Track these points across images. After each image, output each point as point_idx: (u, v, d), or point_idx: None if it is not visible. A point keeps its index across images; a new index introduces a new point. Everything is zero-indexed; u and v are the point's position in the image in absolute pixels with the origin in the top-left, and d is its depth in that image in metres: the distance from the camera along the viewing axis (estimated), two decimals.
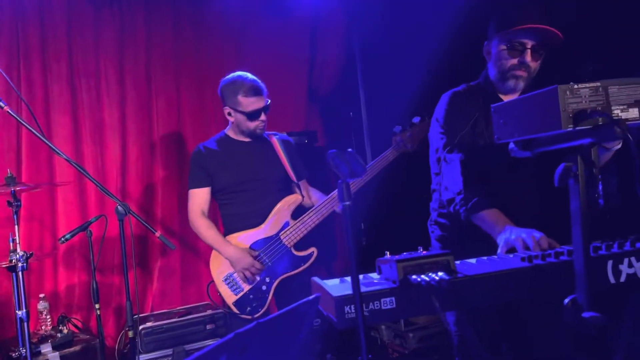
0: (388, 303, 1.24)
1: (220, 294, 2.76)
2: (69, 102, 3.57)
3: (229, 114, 2.77)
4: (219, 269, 2.77)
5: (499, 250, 1.65)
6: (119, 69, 3.70)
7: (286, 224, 2.78)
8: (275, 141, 2.91)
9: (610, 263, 1.36)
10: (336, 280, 1.44)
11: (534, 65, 1.97)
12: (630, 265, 1.37)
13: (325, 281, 1.43)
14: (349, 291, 1.25)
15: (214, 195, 2.83)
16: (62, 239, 2.76)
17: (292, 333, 1.01)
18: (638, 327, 1.45)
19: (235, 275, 2.74)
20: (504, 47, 1.96)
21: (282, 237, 2.76)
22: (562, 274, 1.34)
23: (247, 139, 2.85)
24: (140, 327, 3.18)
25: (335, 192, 2.79)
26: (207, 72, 3.94)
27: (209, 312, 3.40)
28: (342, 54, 4.39)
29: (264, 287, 2.74)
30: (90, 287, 2.88)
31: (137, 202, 3.73)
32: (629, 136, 1.13)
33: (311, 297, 1.08)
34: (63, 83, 3.55)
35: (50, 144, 2.41)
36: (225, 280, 2.75)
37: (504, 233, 1.68)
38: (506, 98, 2.04)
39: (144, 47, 3.76)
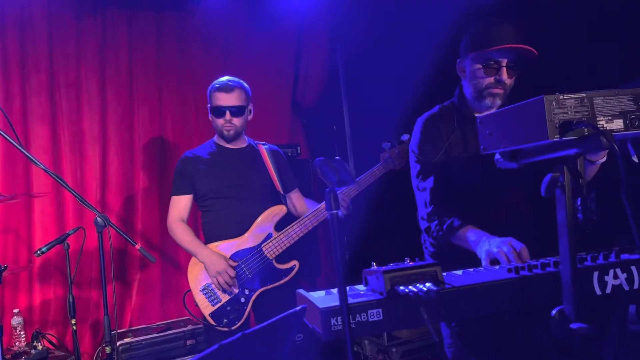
0: (375, 315, 1.22)
1: (197, 304, 2.70)
2: (48, 112, 3.50)
3: (210, 114, 2.80)
4: (197, 279, 2.71)
5: (483, 263, 1.64)
6: (100, 80, 3.65)
7: (269, 236, 2.74)
8: (264, 150, 2.89)
9: (596, 274, 1.36)
10: (322, 292, 1.41)
11: (509, 82, 1.98)
12: (615, 276, 1.37)
13: (311, 293, 1.40)
14: (336, 303, 1.23)
15: (196, 201, 2.81)
16: (38, 251, 2.68)
17: (278, 345, 0.98)
18: (623, 338, 1.45)
19: (213, 285, 2.69)
20: (480, 66, 1.96)
21: (263, 249, 2.72)
22: (549, 285, 1.33)
23: (234, 146, 2.83)
24: (118, 343, 3.10)
25: (321, 205, 2.77)
26: (190, 84, 3.92)
27: (190, 327, 3.33)
28: (327, 68, 4.41)
29: (242, 299, 2.69)
30: (66, 301, 2.80)
31: (117, 214, 3.66)
32: (615, 146, 1.14)
33: (297, 308, 1.06)
34: (43, 93, 3.49)
35: (27, 154, 2.35)
36: (203, 290, 2.70)
37: (482, 244, 1.68)
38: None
39: (126, 58, 3.72)
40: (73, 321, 2.74)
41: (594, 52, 2.71)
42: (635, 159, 1.35)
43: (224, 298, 2.68)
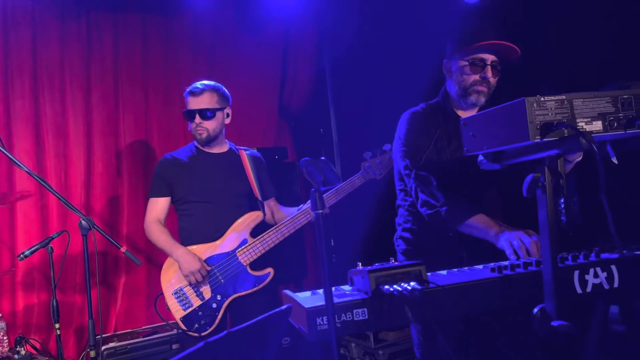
0: (360, 314, 1.23)
1: (168, 308, 2.69)
2: (31, 116, 3.46)
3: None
4: (170, 282, 2.70)
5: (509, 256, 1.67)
6: (85, 83, 3.62)
7: (244, 242, 2.72)
8: (245, 156, 2.89)
9: (576, 273, 1.38)
10: (307, 293, 1.42)
11: (493, 80, 2.05)
12: (595, 275, 1.39)
13: (297, 293, 1.41)
14: (321, 302, 1.24)
15: (173, 204, 2.80)
16: (22, 255, 2.65)
17: (264, 344, 0.98)
18: (604, 336, 1.48)
19: (185, 289, 2.67)
20: (466, 63, 2.03)
21: (238, 255, 2.70)
22: (531, 284, 1.35)
23: (214, 151, 2.83)
24: (103, 348, 3.06)
25: (298, 213, 2.76)
26: (177, 87, 3.90)
27: (176, 331, 3.30)
28: (314, 72, 4.43)
29: (214, 305, 2.67)
30: (50, 306, 2.76)
31: (102, 217, 3.63)
32: (594, 147, 1.16)
33: (283, 307, 1.06)
34: (26, 96, 3.45)
35: (10, 155, 2.32)
36: (175, 294, 2.68)
37: (500, 236, 1.73)
38: (465, 114, 2.10)
39: (111, 61, 3.69)
40: (57, 325, 2.71)
41: (574, 53, 2.77)
42: (614, 160, 1.38)
43: (196, 303, 2.66)
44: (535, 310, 1.23)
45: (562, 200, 1.27)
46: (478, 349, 1.57)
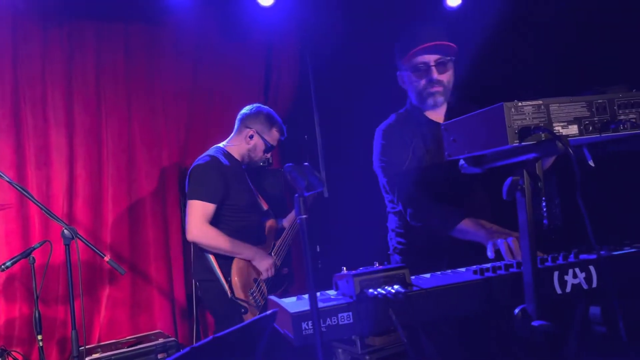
0: (345, 318, 1.24)
1: (244, 312, 2.74)
2: (12, 125, 3.42)
3: (251, 136, 2.88)
4: (246, 283, 2.79)
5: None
6: (67, 91, 3.59)
7: (274, 245, 2.96)
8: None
9: (556, 274, 1.41)
10: (293, 298, 1.43)
11: (444, 77, 2.08)
12: (574, 275, 1.43)
13: (282, 299, 1.42)
14: (306, 307, 1.25)
15: (222, 208, 2.78)
16: (3, 266, 2.62)
17: (249, 348, 0.99)
18: (584, 335, 1.51)
19: (254, 289, 2.79)
20: (411, 71, 2.09)
21: (273, 256, 2.93)
22: (512, 286, 1.38)
23: (239, 159, 2.96)
24: (87, 359, 3.02)
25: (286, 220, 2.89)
26: (160, 95, 3.89)
27: (161, 340, 3.27)
28: (297, 79, 4.45)
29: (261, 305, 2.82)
30: (32, 317, 2.73)
31: (85, 227, 3.59)
32: (570, 150, 1.19)
33: (268, 312, 1.07)
34: (7, 105, 3.41)
35: None
36: (252, 294, 2.80)
37: (489, 238, 1.77)
38: (434, 115, 2.16)
39: (93, 69, 3.67)
40: (39, 337, 2.68)
41: (554, 59, 2.83)
42: (591, 163, 1.42)
43: (262, 302, 2.80)
44: (516, 310, 1.26)
45: (544, 204, 1.30)
46: (462, 351, 1.59)
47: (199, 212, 2.68)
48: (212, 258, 2.80)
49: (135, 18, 3.79)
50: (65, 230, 2.33)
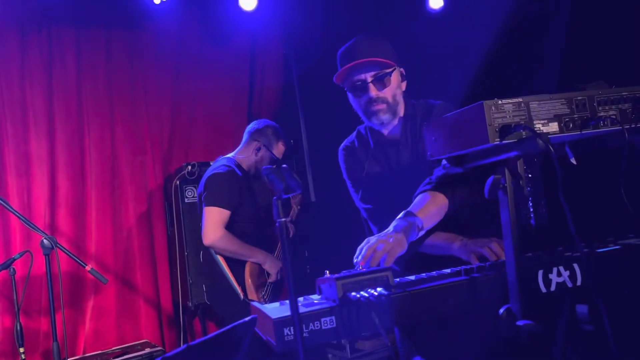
0: (328, 322, 1.22)
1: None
2: None
3: (258, 149, 3.01)
4: (258, 286, 2.90)
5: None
6: (47, 98, 3.55)
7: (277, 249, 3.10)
8: None
9: (540, 273, 1.40)
10: (276, 304, 1.40)
11: (386, 93, 1.92)
12: (559, 274, 1.41)
13: (265, 305, 1.39)
14: (288, 313, 1.22)
15: (234, 215, 2.87)
16: None
17: (228, 357, 0.96)
18: (570, 335, 1.50)
19: (263, 292, 2.89)
20: (350, 90, 1.97)
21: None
22: (497, 286, 1.36)
23: (248, 170, 3.06)
24: None
25: None
26: (143, 100, 3.86)
27: (147, 350, 3.23)
28: (282, 82, 4.43)
29: None
30: (12, 330, 2.67)
31: (68, 237, 3.53)
32: (550, 147, 1.18)
33: (247, 319, 1.04)
34: None
35: None
36: (263, 296, 2.89)
37: (462, 248, 1.71)
38: (385, 132, 2.02)
39: (74, 75, 3.63)
40: (22, 350, 2.63)
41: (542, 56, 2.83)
42: (573, 161, 1.41)
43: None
44: (501, 310, 1.24)
45: (531, 204, 1.29)
46: (447, 352, 1.57)
47: (216, 218, 2.80)
48: (222, 262, 2.90)
49: (116, 23, 3.76)
50: (44, 240, 2.29)
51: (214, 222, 2.80)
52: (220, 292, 2.96)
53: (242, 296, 2.85)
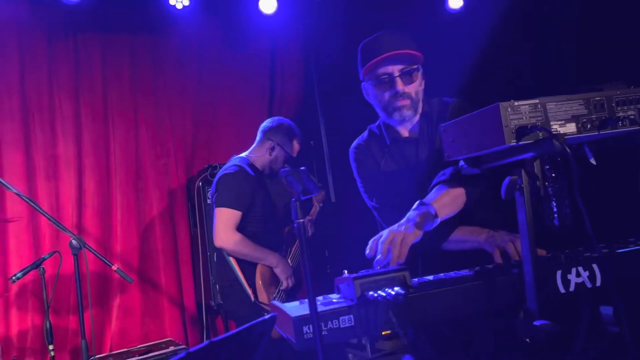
0: (347, 321, 1.24)
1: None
2: (21, 138, 3.48)
3: (273, 148, 2.97)
4: (272, 292, 2.91)
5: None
6: (74, 103, 3.65)
7: (290, 251, 3.12)
8: None
9: (559, 273, 1.40)
10: (296, 303, 1.43)
11: (411, 89, 1.89)
12: (578, 274, 1.41)
13: (285, 303, 1.42)
14: (307, 311, 1.25)
15: (245, 216, 2.86)
16: (13, 277, 2.65)
17: (247, 353, 0.99)
18: (590, 336, 1.49)
19: (276, 296, 2.91)
20: (373, 83, 1.92)
21: (290, 262, 3.03)
22: (515, 286, 1.37)
23: (261, 170, 3.03)
24: None
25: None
26: (165, 104, 3.93)
27: (172, 348, 3.29)
28: (302, 84, 4.47)
29: None
30: (43, 328, 2.76)
31: (95, 237, 3.63)
32: (567, 149, 1.19)
33: (267, 317, 1.07)
34: (15, 118, 3.47)
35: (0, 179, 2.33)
36: (275, 298, 2.89)
37: (488, 240, 1.70)
38: (404, 130, 2.00)
39: (100, 80, 3.73)
40: (51, 347, 2.71)
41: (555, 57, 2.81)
42: (592, 161, 1.41)
43: None
44: (518, 311, 1.25)
45: (554, 204, 1.28)
46: (464, 353, 1.58)
47: (226, 219, 2.77)
48: (234, 263, 2.87)
49: (140, 28, 3.85)
50: (73, 241, 2.36)
51: (224, 224, 2.77)
52: (233, 294, 2.92)
53: (252, 298, 2.83)
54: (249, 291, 2.84)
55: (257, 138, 3.07)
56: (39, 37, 3.55)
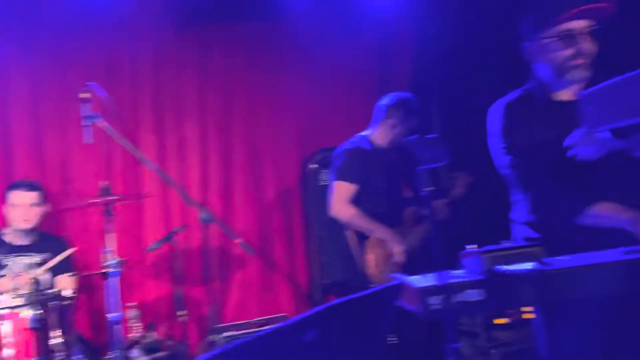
0: (475, 295, 1.20)
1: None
2: (154, 125, 3.80)
3: (394, 125, 2.98)
4: (384, 268, 2.89)
5: None
6: (199, 88, 3.90)
7: (410, 231, 3.04)
8: None
9: None
10: (417, 277, 1.42)
11: (593, 48, 1.77)
12: None
13: (406, 277, 1.41)
14: (432, 283, 1.23)
15: (361, 191, 2.92)
16: (150, 248, 2.90)
17: (371, 319, 0.99)
18: None
19: (387, 270, 2.88)
20: (555, 39, 1.77)
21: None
22: None
23: (383, 147, 3.02)
24: (223, 335, 3.24)
25: None
26: (280, 89, 4.07)
27: None
28: (412, 69, 4.38)
29: None
30: (174, 296, 2.99)
31: (217, 214, 3.87)
32: None
33: (392, 283, 1.07)
34: (148, 105, 3.79)
35: (140, 155, 2.57)
36: (385, 272, 2.88)
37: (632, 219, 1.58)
38: (563, 95, 1.87)
39: (222, 67, 3.94)
40: (181, 313, 2.93)
41: None
42: None
43: None
44: None
45: None
46: (602, 336, 1.44)
47: (342, 191, 2.88)
48: (348, 237, 2.94)
49: (256, 17, 4.01)
50: (204, 214, 2.53)
51: (339, 196, 2.88)
52: (345, 269, 3.00)
53: (363, 271, 2.87)
54: (361, 263, 2.88)
55: (378, 116, 3.07)
56: (169, 27, 3.79)
